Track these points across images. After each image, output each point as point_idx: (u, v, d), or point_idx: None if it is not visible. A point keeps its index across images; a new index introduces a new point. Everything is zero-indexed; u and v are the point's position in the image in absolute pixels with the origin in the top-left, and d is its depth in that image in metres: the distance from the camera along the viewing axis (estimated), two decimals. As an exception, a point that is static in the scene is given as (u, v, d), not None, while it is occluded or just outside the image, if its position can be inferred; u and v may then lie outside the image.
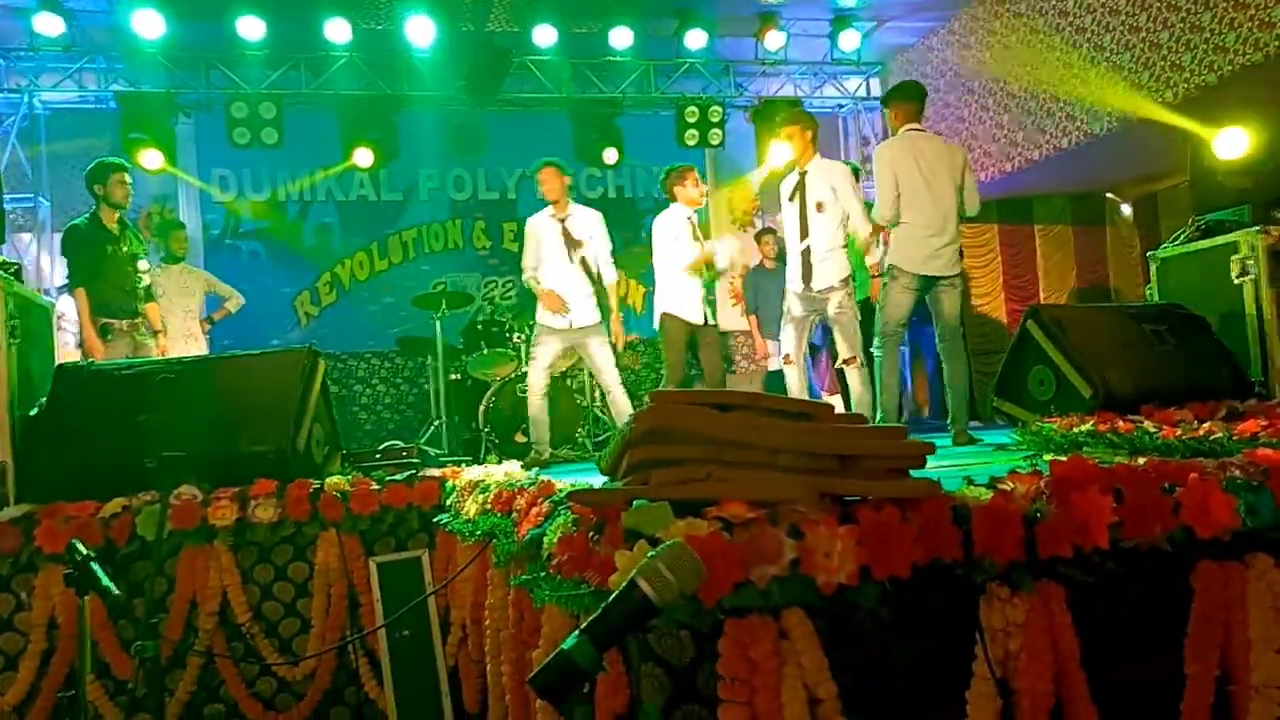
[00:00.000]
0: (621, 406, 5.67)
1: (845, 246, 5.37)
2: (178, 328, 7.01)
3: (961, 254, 5.33)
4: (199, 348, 7.04)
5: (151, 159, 7.65)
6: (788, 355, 5.55)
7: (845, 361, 5.30)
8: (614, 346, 5.85)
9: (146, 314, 5.65)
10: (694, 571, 1.18)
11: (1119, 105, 6.94)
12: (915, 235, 5.02)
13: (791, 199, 5.37)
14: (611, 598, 1.15)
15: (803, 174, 5.35)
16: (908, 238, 5.04)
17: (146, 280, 5.69)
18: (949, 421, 5.05)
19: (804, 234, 5.33)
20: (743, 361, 9.27)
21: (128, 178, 5.52)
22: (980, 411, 9.25)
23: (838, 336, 5.35)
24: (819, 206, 5.30)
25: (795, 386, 5.48)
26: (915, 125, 5.18)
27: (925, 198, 5.02)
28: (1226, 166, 5.16)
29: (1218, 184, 5.10)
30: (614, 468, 1.94)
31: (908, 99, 5.24)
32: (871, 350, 5.17)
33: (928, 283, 5.05)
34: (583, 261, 5.76)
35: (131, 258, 5.54)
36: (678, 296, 5.71)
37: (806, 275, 5.34)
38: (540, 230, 5.78)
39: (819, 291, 5.28)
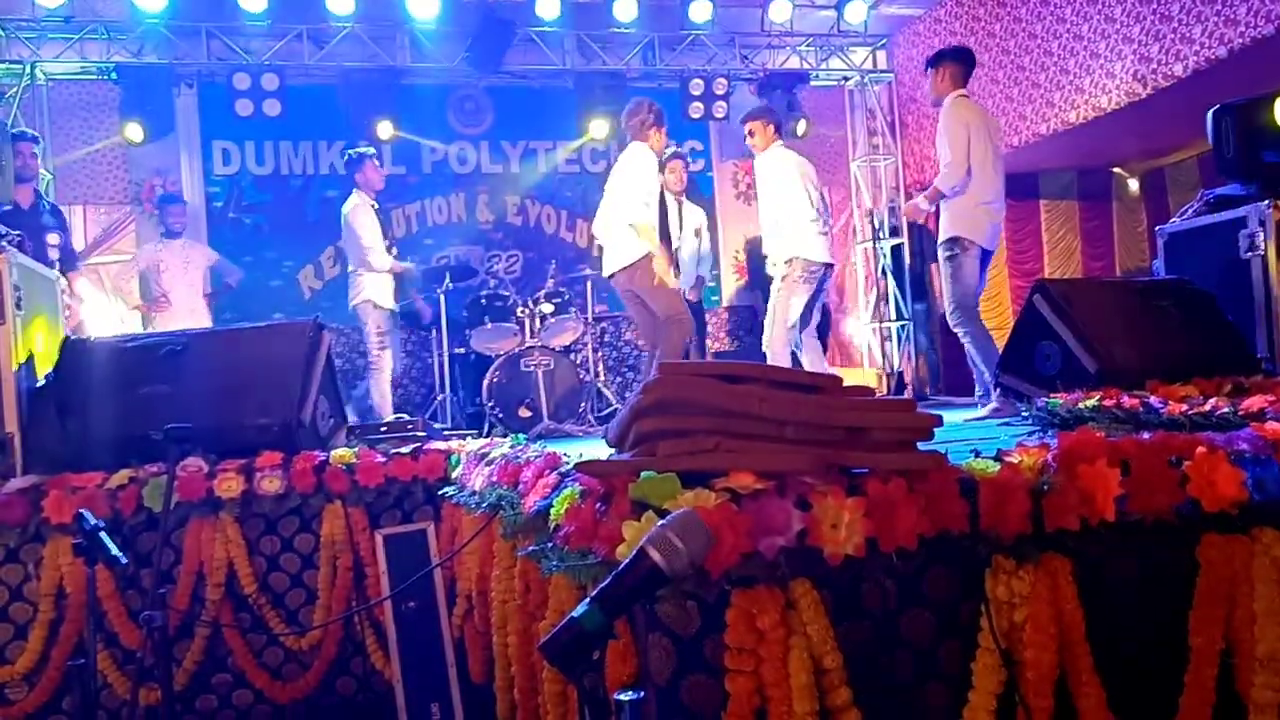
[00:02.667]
0: None
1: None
2: (181, 301, 7.05)
3: None
4: (204, 322, 7.07)
5: (134, 132, 7.59)
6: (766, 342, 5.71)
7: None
8: None
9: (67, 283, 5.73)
10: (703, 540, 1.18)
11: (1128, 79, 6.88)
12: (986, 207, 4.94)
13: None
14: (621, 566, 1.16)
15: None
16: (980, 209, 4.93)
17: (56, 255, 5.76)
18: (979, 396, 5.05)
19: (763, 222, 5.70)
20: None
21: (27, 148, 5.62)
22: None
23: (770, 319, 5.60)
24: (764, 193, 5.69)
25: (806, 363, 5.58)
26: (964, 91, 5.12)
27: (989, 168, 4.94)
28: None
29: (1257, 154, 4.92)
30: (621, 439, 1.95)
31: (959, 61, 5.15)
32: (955, 329, 5.08)
33: (985, 256, 5.01)
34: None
35: (40, 231, 5.59)
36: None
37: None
38: None
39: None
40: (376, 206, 6.68)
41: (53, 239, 5.69)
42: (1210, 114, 4.88)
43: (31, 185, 5.67)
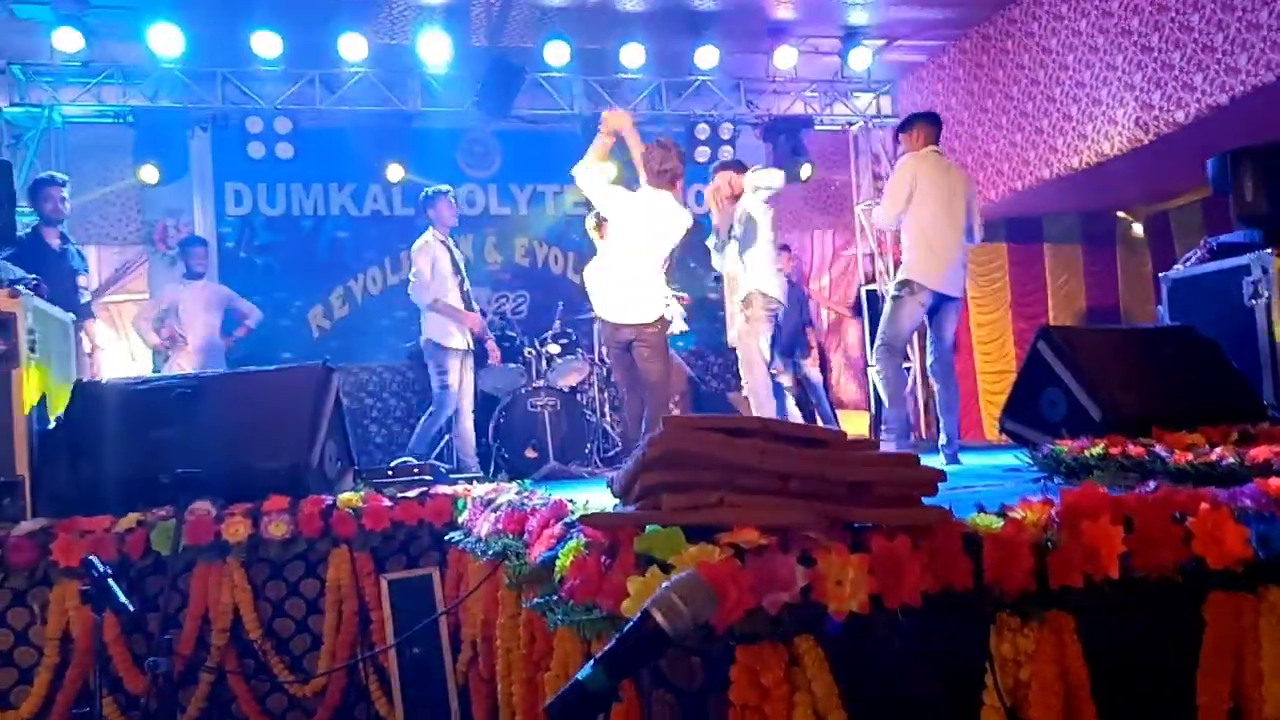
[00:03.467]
0: None
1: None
2: (199, 342, 7.08)
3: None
4: (221, 362, 7.13)
5: (148, 174, 7.72)
6: (746, 383, 5.73)
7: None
8: None
9: (86, 331, 5.78)
10: (707, 602, 1.19)
11: (1130, 125, 6.95)
12: (938, 252, 5.07)
13: (728, 233, 5.62)
14: (625, 628, 1.17)
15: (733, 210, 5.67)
16: (930, 253, 5.08)
17: (86, 296, 5.83)
18: (942, 444, 5.09)
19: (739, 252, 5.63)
20: (712, 382, 9.36)
21: (58, 192, 5.69)
22: (988, 432, 9.26)
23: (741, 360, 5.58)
24: (734, 237, 5.60)
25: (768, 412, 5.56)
26: (935, 148, 5.30)
27: (948, 216, 5.10)
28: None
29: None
30: (626, 491, 1.96)
31: (929, 124, 5.36)
32: (874, 364, 5.29)
33: (939, 301, 5.08)
34: None
35: (73, 274, 5.66)
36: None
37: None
38: None
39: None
40: (446, 242, 6.60)
41: (83, 281, 5.77)
42: (1227, 159, 4.93)
43: (59, 229, 5.75)
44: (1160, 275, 5.21)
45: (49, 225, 5.69)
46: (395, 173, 8.26)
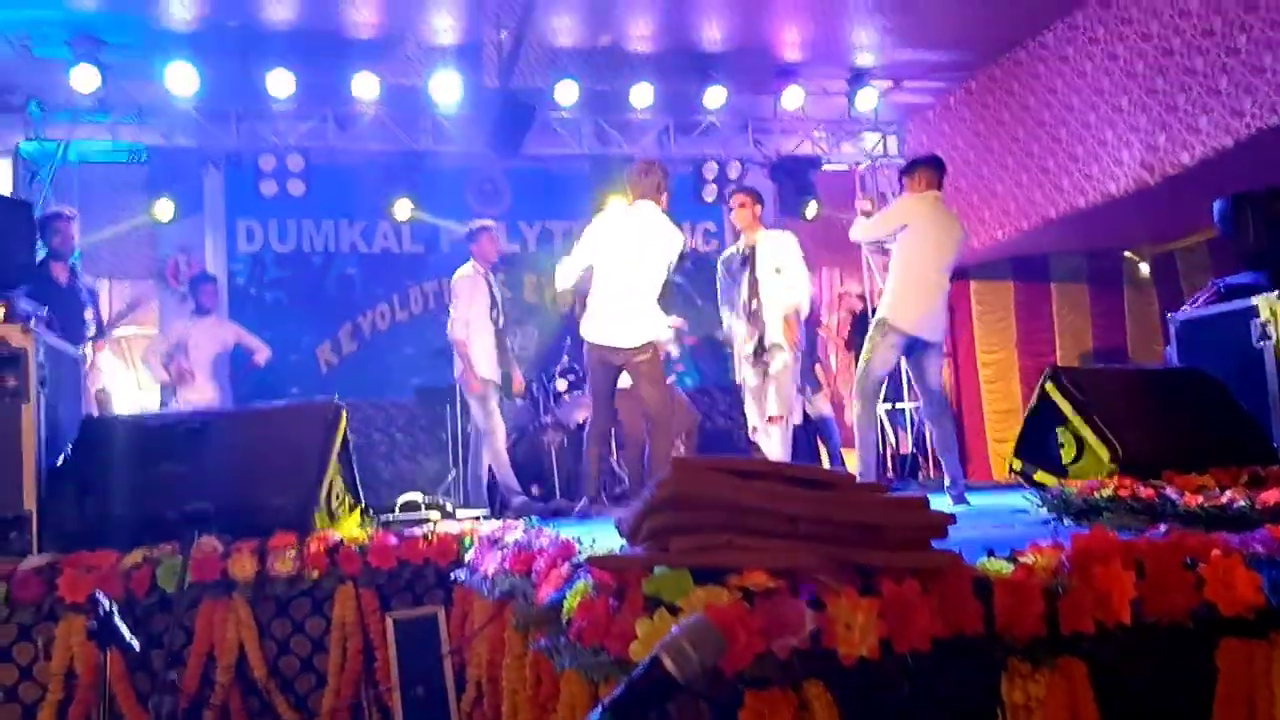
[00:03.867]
0: None
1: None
2: (206, 378, 7.10)
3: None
4: (227, 398, 7.14)
5: (163, 210, 7.79)
6: (754, 426, 5.68)
7: (771, 419, 5.43)
8: None
9: (90, 364, 5.82)
10: (717, 647, 1.18)
11: (1136, 166, 6.99)
12: (919, 294, 5.08)
13: (744, 266, 5.60)
14: (634, 673, 1.16)
15: (753, 245, 5.72)
16: (911, 295, 5.09)
17: (92, 330, 5.85)
18: (947, 485, 5.08)
19: (753, 298, 5.64)
20: (719, 419, 9.34)
21: (66, 226, 5.73)
22: (995, 471, 9.22)
23: (771, 393, 5.48)
24: (777, 271, 5.64)
25: (776, 454, 5.55)
26: (938, 193, 5.32)
27: (935, 260, 5.11)
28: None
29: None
30: (634, 532, 1.95)
31: (932, 168, 5.38)
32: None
33: (915, 345, 5.11)
34: None
35: (80, 307, 5.70)
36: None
37: (759, 339, 5.60)
38: None
39: (768, 350, 5.53)
40: (487, 277, 6.54)
41: (88, 314, 5.81)
42: (1230, 203, 4.96)
43: (67, 262, 5.80)
44: (1168, 316, 5.21)
45: (56, 259, 5.75)
46: (402, 210, 8.33)
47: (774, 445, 5.56)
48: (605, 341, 5.04)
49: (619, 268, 5.05)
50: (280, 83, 7.51)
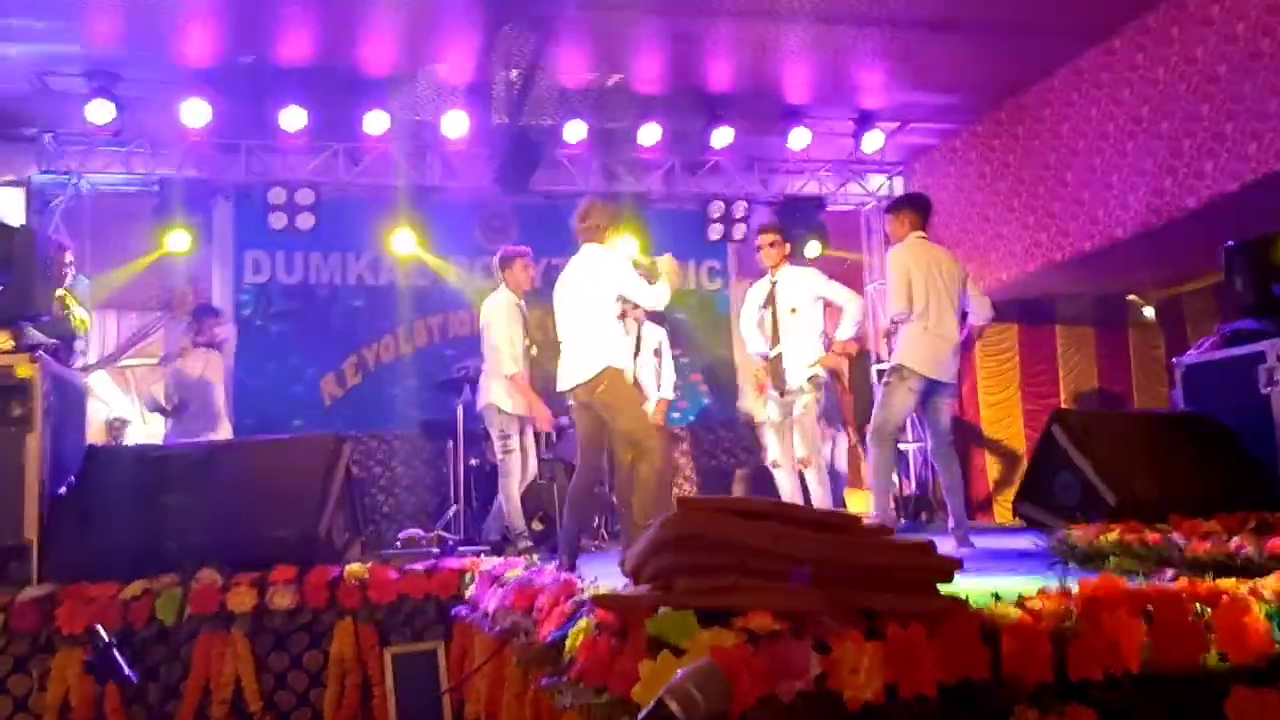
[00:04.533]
0: None
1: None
2: (201, 408, 7.06)
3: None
4: (222, 428, 7.10)
5: (178, 241, 7.84)
6: (775, 461, 5.67)
7: (801, 462, 5.41)
8: None
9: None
10: (722, 693, 1.17)
11: (1142, 210, 7.01)
12: (931, 338, 5.10)
13: (765, 305, 5.59)
14: (638, 717, 1.15)
15: (774, 281, 5.70)
16: (923, 339, 5.11)
17: (81, 362, 5.86)
18: (951, 526, 5.05)
19: (776, 339, 5.63)
20: (742, 454, 9.32)
21: (60, 256, 5.76)
22: (998, 514, 9.16)
23: (797, 437, 5.47)
24: (793, 311, 5.63)
25: (787, 489, 5.55)
26: (923, 233, 5.36)
27: (943, 302, 5.15)
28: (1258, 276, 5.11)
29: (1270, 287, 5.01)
30: (637, 571, 1.94)
31: (916, 208, 5.43)
32: (868, 445, 5.26)
33: (932, 387, 5.13)
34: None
35: (68, 338, 5.72)
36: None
37: (779, 379, 5.58)
38: None
39: (789, 392, 5.44)
40: (521, 306, 6.35)
41: (80, 346, 5.83)
42: (1223, 253, 5.01)
43: (58, 292, 5.82)
44: (1174, 360, 5.21)
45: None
46: (403, 243, 8.37)
47: (788, 484, 5.56)
48: (564, 387, 4.91)
49: (561, 315, 4.99)
50: (292, 118, 7.59)
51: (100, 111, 7.15)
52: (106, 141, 7.73)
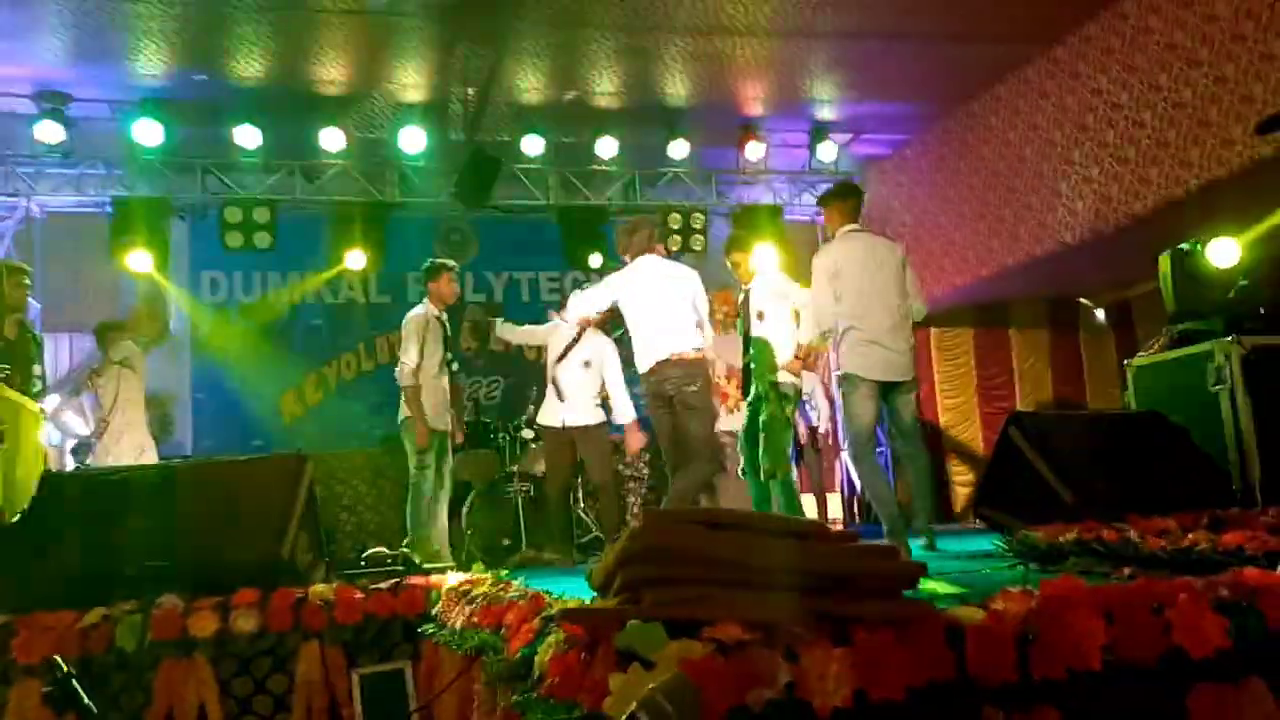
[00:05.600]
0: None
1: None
2: (123, 424, 6.82)
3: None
4: (144, 438, 6.87)
5: (138, 262, 7.73)
6: (742, 470, 5.66)
7: (766, 473, 5.37)
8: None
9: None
10: (692, 704, 1.18)
11: (1090, 216, 7.16)
12: (868, 341, 4.77)
13: (739, 316, 5.60)
14: (612, 730, 1.15)
15: (746, 291, 5.60)
16: (861, 344, 4.78)
17: (39, 386, 5.78)
18: (917, 525, 4.99)
19: (746, 349, 5.50)
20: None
21: (26, 280, 5.72)
22: (958, 515, 9.28)
23: (763, 447, 5.41)
24: (759, 316, 5.50)
25: (756, 500, 5.55)
26: (854, 225, 4.98)
27: (874, 300, 4.78)
28: (1210, 275, 5.27)
29: (1198, 293, 5.19)
30: (606, 585, 1.94)
31: (843, 198, 5.07)
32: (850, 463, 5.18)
33: (885, 387, 4.85)
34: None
35: (27, 361, 5.65)
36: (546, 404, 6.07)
37: (746, 387, 5.51)
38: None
39: (750, 401, 5.45)
40: (441, 318, 6.31)
41: (38, 370, 5.73)
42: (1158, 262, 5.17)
43: (17, 316, 5.74)
44: (1125, 362, 5.31)
45: (12, 311, 5.68)
46: (357, 260, 8.33)
47: (756, 494, 5.56)
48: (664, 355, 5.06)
49: (645, 317, 5.15)
50: (247, 136, 7.52)
51: (49, 132, 7.05)
52: (56, 163, 7.61)
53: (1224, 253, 5.28)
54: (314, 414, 8.70)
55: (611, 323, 5.42)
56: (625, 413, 6.25)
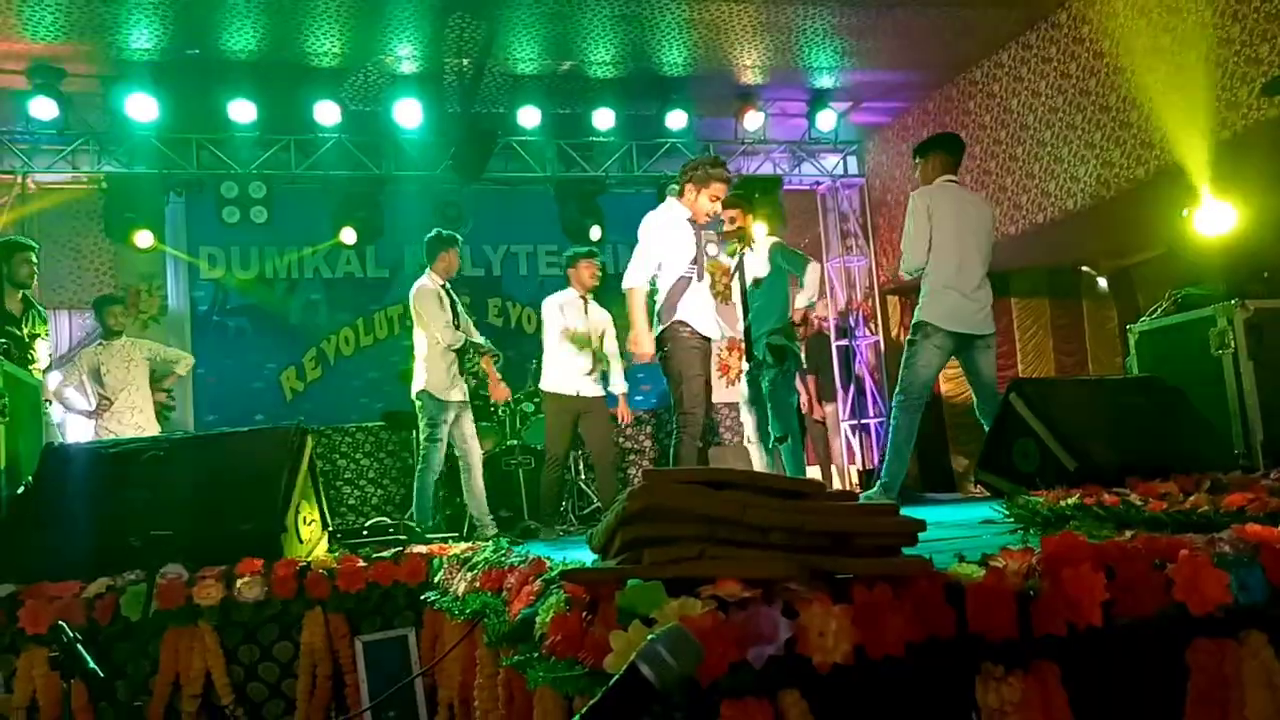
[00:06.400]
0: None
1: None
2: (127, 401, 6.82)
3: None
4: (146, 420, 6.89)
5: (141, 238, 7.72)
6: (749, 438, 5.63)
7: (778, 440, 5.33)
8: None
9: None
10: (693, 654, 1.18)
11: (1092, 182, 7.13)
12: (954, 290, 4.77)
13: (735, 278, 5.54)
14: (611, 682, 1.15)
15: (740, 256, 5.47)
16: (945, 293, 4.77)
17: (45, 363, 5.78)
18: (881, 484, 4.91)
19: (746, 312, 5.42)
20: (725, 434, 9.34)
21: (33, 257, 5.73)
22: (960, 483, 9.30)
23: (771, 414, 5.39)
24: (756, 283, 5.47)
25: (760, 465, 5.53)
26: (952, 177, 5.01)
27: (968, 251, 4.80)
28: (1206, 241, 5.26)
29: (1196, 258, 5.19)
30: (606, 546, 1.95)
31: (946, 150, 5.06)
32: (894, 409, 4.93)
33: (962, 342, 4.82)
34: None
35: (30, 338, 5.65)
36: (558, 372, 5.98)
37: (748, 352, 5.47)
38: None
39: (753, 368, 5.41)
40: (445, 287, 6.15)
41: (41, 346, 5.75)
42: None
43: (21, 292, 5.76)
44: (1127, 327, 5.29)
45: (14, 288, 5.70)
46: (349, 235, 8.31)
47: (759, 462, 5.55)
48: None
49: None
50: (241, 111, 7.47)
51: (43, 108, 7.02)
52: (52, 139, 7.57)
53: (1226, 217, 5.26)
54: (314, 389, 8.70)
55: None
56: (619, 384, 6.24)
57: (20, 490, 3.36)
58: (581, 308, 6.08)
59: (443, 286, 6.15)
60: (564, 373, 5.99)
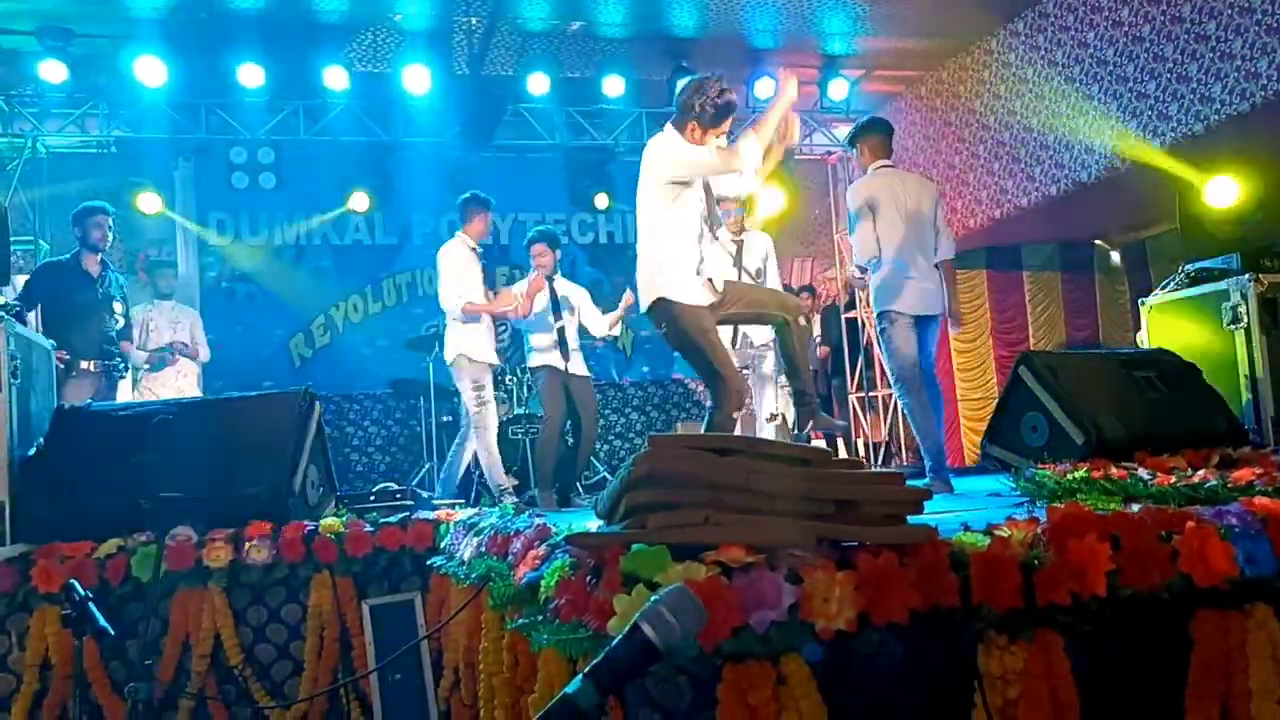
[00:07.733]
0: None
1: None
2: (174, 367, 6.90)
3: None
4: (189, 384, 6.95)
5: (149, 203, 7.73)
6: (771, 414, 5.67)
7: (771, 416, 5.37)
8: None
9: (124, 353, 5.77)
10: (696, 615, 1.19)
11: (1107, 153, 7.05)
12: (907, 275, 4.77)
13: (733, 266, 5.54)
14: (614, 641, 1.16)
15: (738, 243, 5.57)
16: (896, 280, 4.78)
17: (121, 323, 5.78)
18: (929, 468, 4.98)
19: None
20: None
21: (106, 220, 5.71)
22: (969, 458, 9.30)
23: (769, 393, 5.46)
24: (757, 274, 5.57)
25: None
26: (886, 162, 4.98)
27: (908, 235, 4.79)
28: (1216, 215, 5.21)
29: (1206, 232, 5.15)
30: (611, 511, 1.95)
31: (875, 133, 5.02)
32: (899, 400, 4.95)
33: (919, 322, 4.83)
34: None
35: (108, 299, 5.66)
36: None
37: (747, 337, 5.58)
38: None
39: (757, 348, 5.40)
40: (477, 251, 5.92)
41: (119, 307, 5.78)
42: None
43: (99, 255, 5.78)
44: (1139, 301, 5.26)
45: (90, 251, 5.73)
46: (360, 202, 8.29)
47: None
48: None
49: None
50: (250, 75, 7.44)
51: (53, 71, 6.99)
52: (61, 103, 7.55)
53: (1223, 192, 5.23)
54: (322, 356, 8.72)
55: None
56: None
57: (33, 452, 3.38)
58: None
59: (472, 249, 5.96)
60: (554, 351, 5.85)
